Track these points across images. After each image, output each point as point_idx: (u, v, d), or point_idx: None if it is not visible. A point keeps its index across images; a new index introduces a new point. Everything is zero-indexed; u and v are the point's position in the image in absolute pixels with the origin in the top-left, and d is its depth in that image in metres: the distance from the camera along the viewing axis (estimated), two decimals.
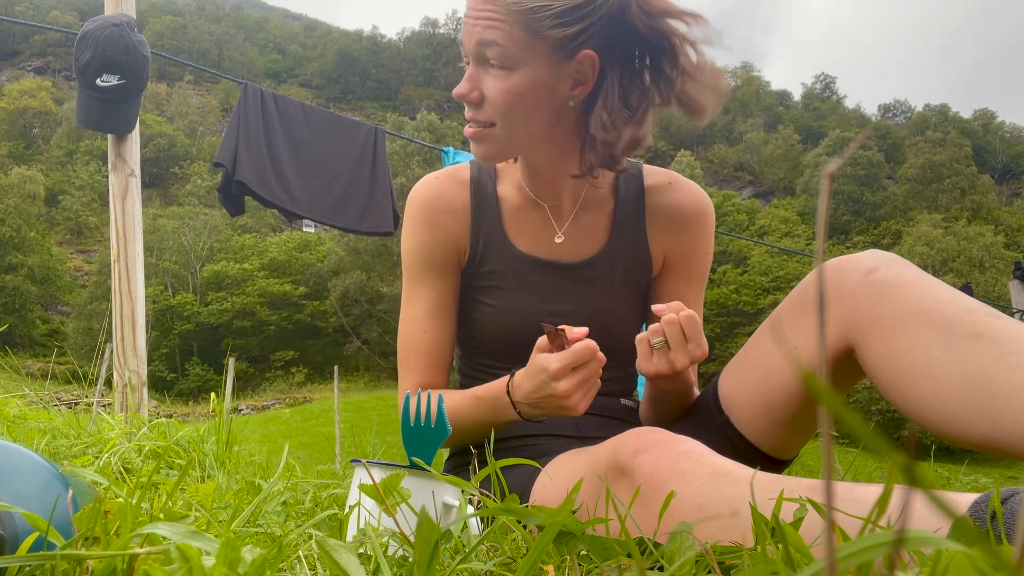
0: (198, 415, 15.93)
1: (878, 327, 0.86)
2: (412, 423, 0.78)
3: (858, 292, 0.89)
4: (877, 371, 0.87)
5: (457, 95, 1.04)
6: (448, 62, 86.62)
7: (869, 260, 0.91)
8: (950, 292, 0.84)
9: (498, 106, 1.02)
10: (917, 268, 0.90)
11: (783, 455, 1.04)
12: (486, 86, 1.02)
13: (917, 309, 0.83)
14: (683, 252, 1.18)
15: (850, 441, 1.87)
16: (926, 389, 0.80)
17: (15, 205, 47.60)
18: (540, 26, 0.98)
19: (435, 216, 1.17)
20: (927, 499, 0.16)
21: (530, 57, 1.00)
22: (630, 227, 1.18)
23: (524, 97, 1.02)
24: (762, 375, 1.01)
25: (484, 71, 1.02)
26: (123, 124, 2.65)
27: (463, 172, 1.21)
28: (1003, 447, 0.73)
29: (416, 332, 1.16)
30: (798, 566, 0.43)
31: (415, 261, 1.18)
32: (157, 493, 0.72)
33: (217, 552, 0.39)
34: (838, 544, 0.25)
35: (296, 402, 30.92)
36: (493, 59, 1.00)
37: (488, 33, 0.99)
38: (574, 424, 1.17)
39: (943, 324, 0.80)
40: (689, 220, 1.18)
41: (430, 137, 45.08)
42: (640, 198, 1.19)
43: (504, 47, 0.99)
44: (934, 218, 47.03)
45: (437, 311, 1.17)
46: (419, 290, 1.18)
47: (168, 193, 65.33)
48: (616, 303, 1.18)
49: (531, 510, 0.46)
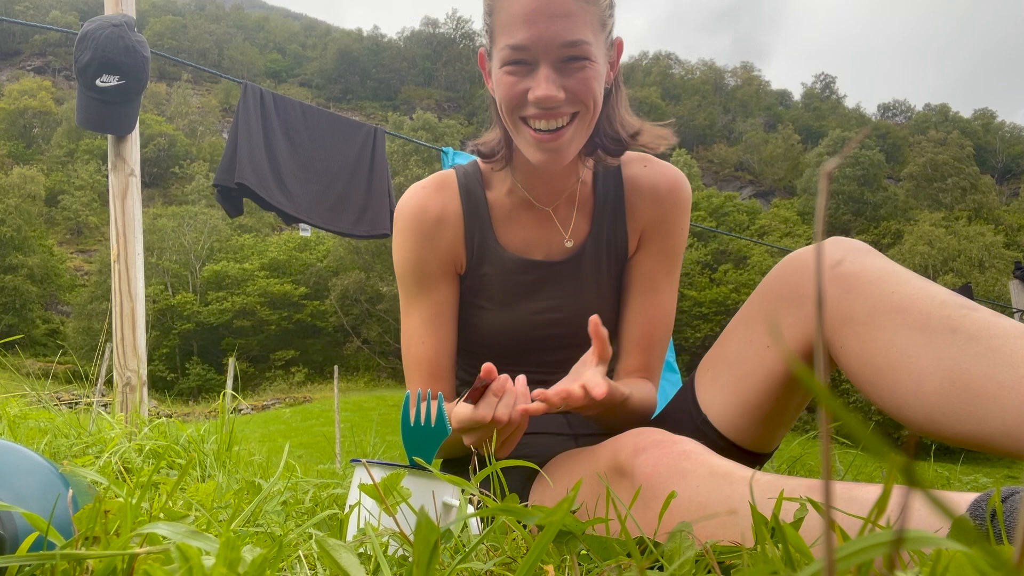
0: (198, 415, 15.92)
1: (851, 324, 0.85)
2: (412, 423, 0.78)
3: (827, 287, 0.88)
4: (853, 368, 0.86)
5: (545, 99, 0.99)
6: (448, 62, 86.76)
7: (834, 252, 0.90)
8: (919, 283, 0.84)
9: (583, 95, 1.01)
10: (884, 258, 0.89)
11: (763, 449, 1.04)
12: (568, 83, 1.00)
13: (890, 304, 0.82)
14: (656, 224, 1.18)
15: (850, 441, 1.87)
16: (907, 388, 0.79)
17: (15, 205, 47.60)
18: (604, 15, 1.01)
19: (426, 228, 1.16)
20: (926, 499, 0.16)
21: (601, 48, 1.02)
22: (609, 213, 1.19)
23: (599, 85, 1.03)
24: (737, 371, 1.01)
25: (561, 70, 0.99)
26: (123, 124, 2.64)
27: (450, 180, 1.20)
28: (989, 445, 0.73)
29: (414, 343, 1.16)
30: (798, 566, 0.43)
31: (409, 274, 1.17)
32: (157, 493, 0.72)
33: (217, 552, 0.39)
34: (838, 544, 0.25)
35: (296, 402, 30.91)
36: (578, 56, 0.98)
37: (576, 32, 0.97)
38: (565, 422, 1.19)
39: (919, 320, 0.80)
40: (662, 194, 1.18)
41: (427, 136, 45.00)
42: (620, 188, 1.20)
43: (590, 44, 0.99)
44: (934, 217, 47.04)
45: (434, 321, 1.16)
46: (415, 302, 1.17)
47: (168, 193, 65.31)
48: (602, 294, 1.19)
49: (531, 510, 0.46)
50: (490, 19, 1.04)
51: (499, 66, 1.02)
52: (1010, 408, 0.71)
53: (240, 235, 51.96)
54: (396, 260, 1.19)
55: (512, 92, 1.01)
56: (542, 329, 1.17)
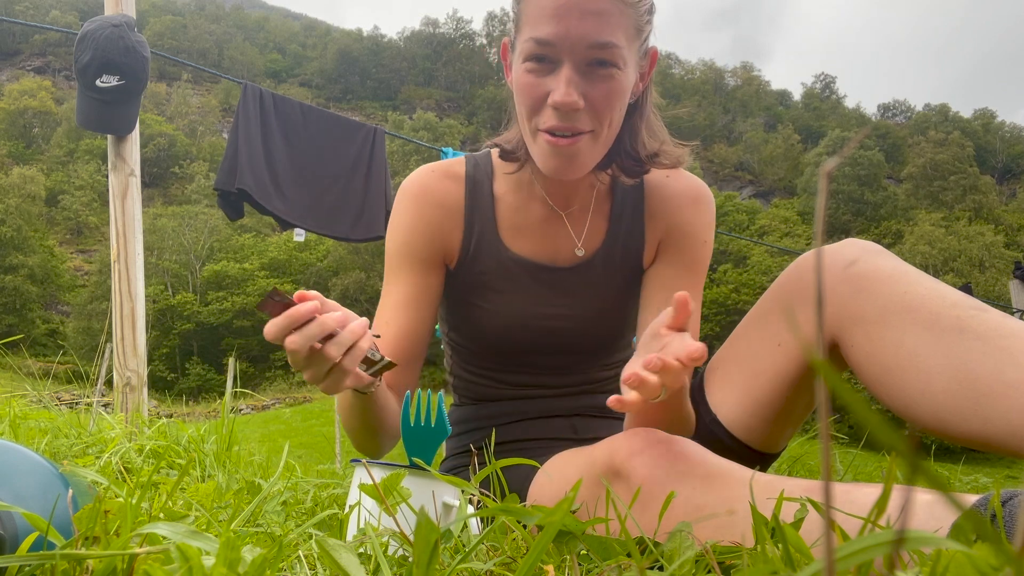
0: (198, 415, 15.91)
1: (862, 323, 0.85)
2: (412, 423, 0.78)
3: (839, 287, 0.88)
4: (862, 367, 0.86)
5: (563, 105, 0.92)
6: (448, 62, 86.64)
7: (848, 252, 0.89)
8: (932, 284, 0.83)
9: (602, 110, 0.94)
10: (897, 259, 0.88)
11: (771, 449, 1.03)
12: (591, 90, 0.93)
13: (900, 304, 0.82)
14: (677, 235, 1.14)
15: (850, 440, 1.87)
16: (915, 387, 0.79)
17: (15, 205, 47.64)
18: (641, 20, 0.95)
19: (424, 209, 1.13)
20: (934, 494, 0.16)
21: (632, 55, 0.96)
22: (627, 223, 1.15)
23: (623, 98, 0.97)
24: (747, 370, 1.00)
25: (585, 74, 0.93)
26: (123, 125, 2.65)
27: (458, 168, 1.17)
28: (996, 444, 0.73)
29: (380, 324, 1.11)
30: (798, 566, 0.43)
31: (397, 251, 1.13)
32: (157, 493, 0.72)
33: (217, 552, 0.39)
34: (838, 544, 0.25)
35: (296, 402, 30.92)
36: (605, 61, 0.92)
37: (608, 34, 0.91)
38: (571, 426, 1.17)
39: (929, 319, 0.80)
40: (684, 204, 1.14)
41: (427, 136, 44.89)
42: (640, 195, 1.16)
43: (621, 49, 0.92)
44: (934, 217, 47.05)
45: (409, 304, 1.11)
46: (395, 280, 1.13)
47: (168, 193, 65.33)
48: (611, 303, 1.16)
49: (530, 510, 0.46)
50: (517, 7, 0.97)
51: (521, 60, 0.96)
52: (1016, 407, 0.71)
53: (240, 235, 51.98)
54: (388, 236, 1.15)
55: (532, 95, 0.95)
56: (543, 333, 1.14)
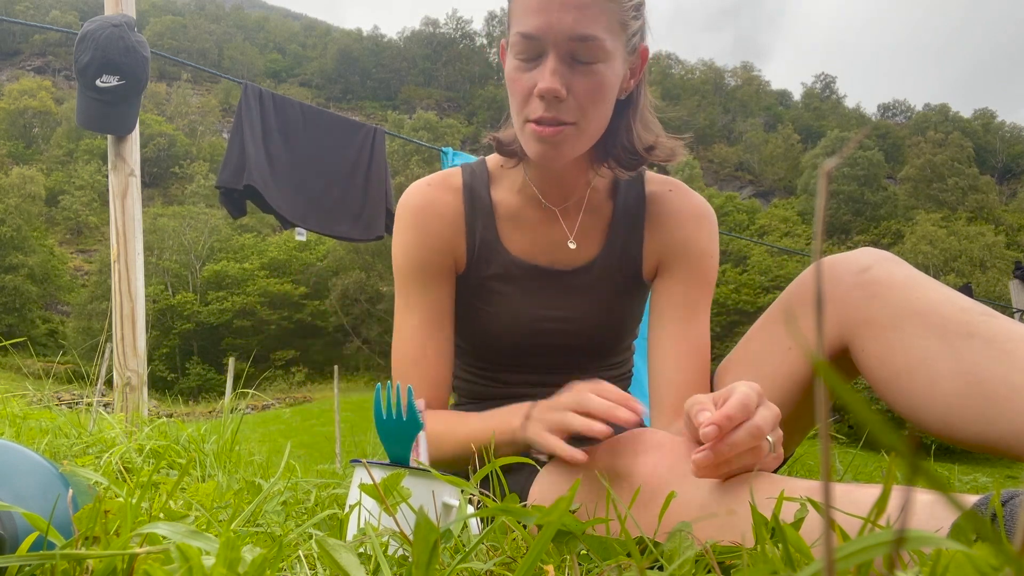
0: (198, 415, 15.92)
1: (872, 327, 0.86)
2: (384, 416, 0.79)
3: (852, 292, 0.89)
4: (872, 371, 0.87)
5: (546, 92, 0.95)
6: (448, 62, 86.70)
7: (863, 259, 0.91)
8: (944, 291, 0.84)
9: (586, 103, 0.97)
10: (910, 266, 0.90)
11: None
12: (575, 82, 0.96)
13: (911, 309, 0.83)
14: (680, 251, 1.14)
15: (850, 440, 1.87)
16: (922, 390, 0.80)
17: (15, 205, 47.66)
18: (625, 16, 0.97)
19: (426, 223, 1.14)
20: (934, 494, 0.16)
21: (616, 50, 0.98)
22: (627, 232, 1.16)
23: (608, 92, 0.99)
24: (758, 374, 1.00)
25: (570, 66, 0.96)
26: (123, 125, 2.65)
27: (454, 178, 1.18)
28: (1001, 447, 0.73)
29: (414, 347, 1.11)
30: (798, 566, 0.43)
31: (408, 270, 1.14)
32: (157, 493, 0.72)
33: (217, 552, 0.39)
34: (838, 544, 0.25)
35: (296, 402, 30.93)
36: (588, 53, 0.95)
37: (588, 27, 0.94)
38: None
39: (938, 324, 0.81)
40: (686, 221, 1.15)
41: (427, 136, 44.99)
42: (640, 204, 1.17)
43: (603, 41, 0.95)
44: (934, 217, 47.08)
45: (435, 321, 1.12)
46: (413, 300, 1.13)
47: (168, 193, 65.35)
48: (610, 306, 1.17)
49: (530, 510, 0.46)
50: (508, 6, 1.02)
51: (511, 55, 1.00)
52: (1021, 411, 0.71)
53: (240, 235, 52.01)
54: (395, 256, 1.16)
55: (520, 87, 0.99)
56: (544, 335, 1.15)
